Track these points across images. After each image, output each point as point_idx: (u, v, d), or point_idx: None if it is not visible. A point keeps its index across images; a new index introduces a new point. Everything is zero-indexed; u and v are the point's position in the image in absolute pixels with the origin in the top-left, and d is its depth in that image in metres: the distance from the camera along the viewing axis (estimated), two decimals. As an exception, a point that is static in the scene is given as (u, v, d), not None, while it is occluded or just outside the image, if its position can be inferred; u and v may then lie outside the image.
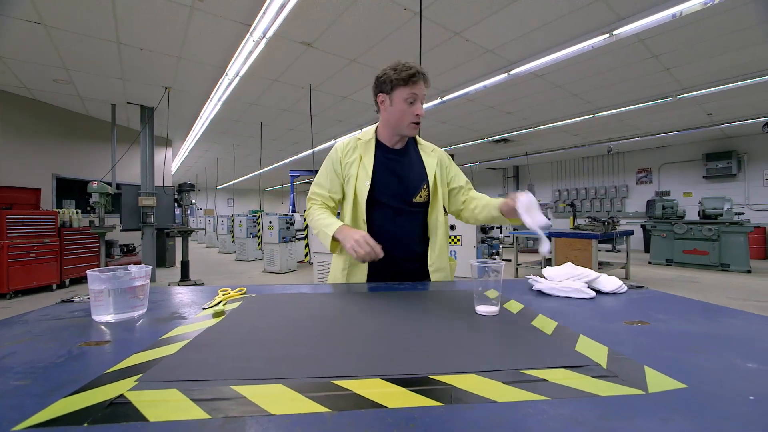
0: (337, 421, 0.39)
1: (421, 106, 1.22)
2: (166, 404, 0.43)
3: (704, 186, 9.27)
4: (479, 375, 0.50)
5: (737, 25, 3.67)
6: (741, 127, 7.62)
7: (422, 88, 1.21)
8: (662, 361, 0.55)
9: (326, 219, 1.24)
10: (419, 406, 0.42)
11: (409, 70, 1.19)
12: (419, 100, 1.21)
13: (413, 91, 1.19)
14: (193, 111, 6.43)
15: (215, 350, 0.61)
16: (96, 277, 0.77)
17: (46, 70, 4.63)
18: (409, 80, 1.18)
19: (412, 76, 1.18)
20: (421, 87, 1.21)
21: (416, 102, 1.21)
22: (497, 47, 4.10)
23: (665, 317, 0.79)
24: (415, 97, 1.20)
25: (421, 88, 1.21)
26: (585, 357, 0.56)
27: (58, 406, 0.43)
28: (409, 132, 1.27)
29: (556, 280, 1.08)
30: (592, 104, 6.23)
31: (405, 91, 1.19)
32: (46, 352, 0.61)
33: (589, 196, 11.68)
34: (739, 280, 5.75)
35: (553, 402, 0.43)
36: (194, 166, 13.05)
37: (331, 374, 0.50)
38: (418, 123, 1.25)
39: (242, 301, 0.96)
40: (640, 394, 0.45)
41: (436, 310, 0.86)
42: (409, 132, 1.27)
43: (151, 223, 5.97)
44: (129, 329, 0.74)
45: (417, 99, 1.21)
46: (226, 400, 0.44)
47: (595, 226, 5.41)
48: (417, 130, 1.27)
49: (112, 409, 0.42)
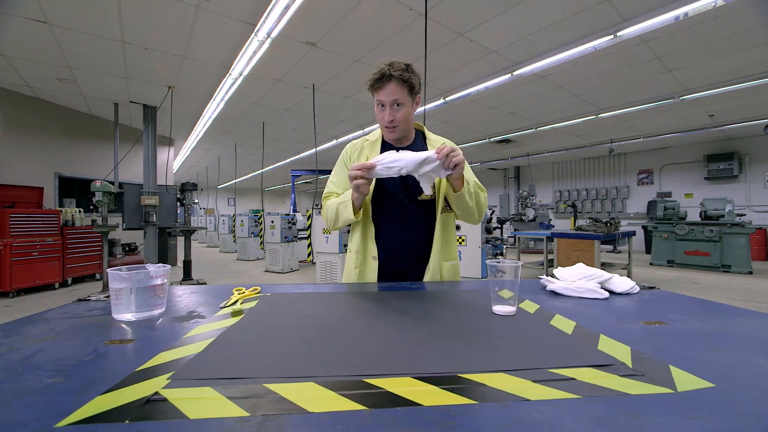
0: (375, 418, 0.40)
1: (390, 110, 1.18)
2: (203, 402, 0.44)
3: (705, 187, 9.29)
4: (508, 374, 0.51)
5: (740, 27, 3.67)
6: (742, 128, 7.63)
7: (390, 91, 1.16)
8: (686, 361, 0.55)
9: (336, 198, 1.30)
10: (454, 404, 0.43)
11: (374, 75, 1.16)
12: (388, 104, 1.18)
13: (379, 97, 1.18)
14: (196, 110, 6.44)
15: (242, 348, 0.61)
16: (117, 275, 0.77)
17: (50, 69, 4.63)
18: (374, 86, 1.18)
19: (375, 82, 1.16)
20: (388, 91, 1.16)
21: (385, 107, 1.18)
22: (501, 48, 4.11)
23: (681, 318, 0.80)
24: (382, 103, 1.18)
25: (387, 93, 1.16)
26: (610, 356, 0.57)
27: (96, 404, 0.43)
28: (386, 136, 1.27)
29: (569, 280, 1.09)
30: (594, 105, 6.24)
31: (376, 98, 1.20)
32: (73, 350, 0.61)
33: (590, 196, 11.69)
34: (741, 282, 5.76)
35: (585, 400, 0.44)
36: (195, 165, 13.05)
37: (362, 372, 0.51)
38: (390, 128, 1.22)
39: (258, 300, 0.96)
40: (670, 393, 0.45)
41: (452, 309, 0.86)
42: (386, 136, 1.27)
43: (154, 222, 5.97)
44: (151, 328, 0.74)
45: (385, 104, 1.18)
46: (261, 398, 0.44)
47: (598, 226, 5.42)
48: (394, 134, 1.25)
49: (150, 406, 0.43)
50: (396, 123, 1.21)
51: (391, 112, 1.19)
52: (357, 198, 1.17)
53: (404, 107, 1.20)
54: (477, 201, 1.25)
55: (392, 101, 1.18)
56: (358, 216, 1.25)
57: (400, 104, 1.19)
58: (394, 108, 1.19)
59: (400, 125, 1.22)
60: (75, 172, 6.40)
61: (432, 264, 1.27)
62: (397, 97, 1.17)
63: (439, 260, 1.28)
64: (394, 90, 1.16)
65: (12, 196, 5.37)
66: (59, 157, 6.15)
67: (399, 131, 1.24)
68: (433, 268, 1.27)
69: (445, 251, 1.31)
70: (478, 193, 1.27)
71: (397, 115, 1.20)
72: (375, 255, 1.28)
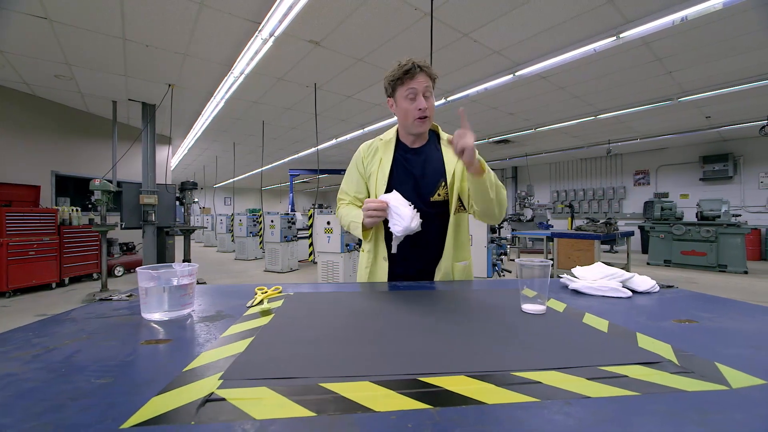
0: (444, 416, 0.40)
1: (423, 99, 1.18)
2: (264, 402, 0.43)
3: (701, 188, 9.40)
4: (560, 372, 0.51)
5: (739, 31, 3.72)
6: (738, 130, 7.73)
7: (421, 81, 1.16)
8: (730, 358, 0.56)
9: (352, 212, 1.30)
10: (515, 402, 0.43)
11: (405, 66, 1.16)
12: (420, 93, 1.17)
13: (411, 85, 1.17)
14: (196, 109, 6.39)
15: (285, 348, 0.61)
16: (148, 274, 0.76)
17: (48, 66, 4.57)
18: (405, 76, 1.17)
19: (407, 71, 1.16)
20: (419, 80, 1.16)
21: (417, 97, 1.17)
22: (504, 49, 4.12)
23: (710, 315, 0.81)
24: (414, 91, 1.17)
25: (419, 82, 1.16)
26: (655, 354, 0.57)
27: (154, 405, 0.43)
28: (417, 129, 1.24)
29: (590, 279, 1.09)
30: (593, 106, 6.29)
31: (404, 89, 1.18)
32: (112, 350, 0.60)
33: (587, 197, 11.78)
34: (737, 281, 5.84)
35: (646, 398, 0.44)
36: (193, 163, 12.95)
37: (417, 371, 0.50)
38: (423, 118, 1.20)
39: (283, 300, 0.95)
40: (726, 390, 0.46)
41: (482, 308, 0.86)
42: (417, 129, 1.24)
43: (153, 222, 5.91)
44: (183, 327, 0.73)
45: (417, 93, 1.17)
46: (322, 397, 0.44)
47: (597, 227, 5.46)
48: (425, 126, 1.23)
49: (212, 406, 0.42)
50: (428, 112, 1.20)
51: (422, 100, 1.18)
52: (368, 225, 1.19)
53: (431, 98, 1.20)
54: (498, 195, 1.18)
55: (425, 88, 1.17)
56: (367, 236, 1.28)
57: (429, 94, 1.19)
58: (425, 97, 1.19)
59: (429, 116, 1.22)
60: (72, 170, 6.32)
61: (443, 265, 1.26)
62: (428, 84, 1.18)
63: (451, 261, 1.27)
64: (425, 78, 1.17)
65: (8, 195, 5.30)
66: (56, 155, 6.07)
67: (428, 123, 1.24)
68: (444, 269, 1.26)
69: (458, 252, 1.30)
70: (500, 187, 1.19)
71: (429, 104, 1.20)
72: (385, 256, 1.28)
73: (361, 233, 1.24)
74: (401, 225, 1.10)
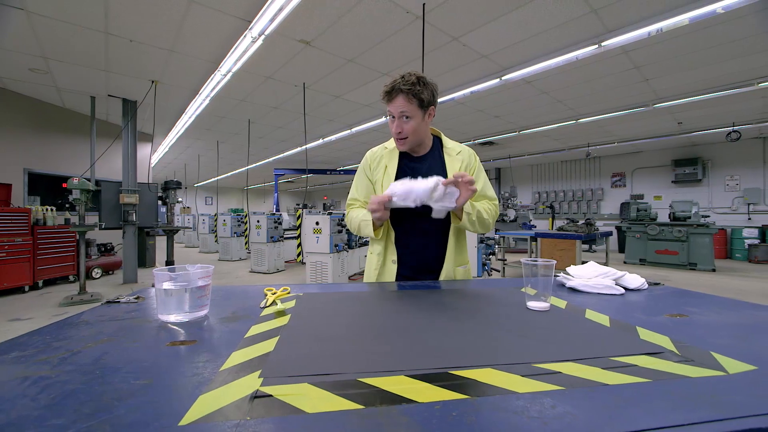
0: (484, 405, 0.43)
1: (399, 122, 1.22)
2: (310, 397, 0.45)
3: (673, 190, 9.88)
4: (576, 363, 0.55)
5: (708, 44, 3.96)
6: (707, 135, 8.19)
7: (398, 104, 1.20)
8: (722, 348, 0.62)
9: (360, 212, 1.36)
10: (543, 390, 0.47)
11: (386, 87, 1.22)
12: (397, 116, 1.22)
13: (389, 108, 1.24)
14: (179, 106, 6.22)
15: (313, 346, 0.63)
16: (166, 276, 0.77)
17: (22, 59, 4.35)
18: (386, 97, 1.23)
19: (385, 94, 1.22)
20: (396, 104, 1.20)
21: (396, 119, 1.23)
22: (492, 53, 4.22)
23: (698, 310, 0.88)
24: (391, 114, 1.24)
25: (396, 106, 1.20)
26: (656, 345, 0.63)
27: (204, 402, 0.44)
28: (397, 146, 1.31)
29: (585, 277, 1.16)
30: (574, 110, 6.52)
31: (387, 110, 1.26)
32: (139, 352, 0.61)
33: (567, 198, 12.17)
34: (706, 278, 6.18)
35: (657, 384, 0.49)
36: (173, 162, 12.58)
37: (448, 365, 0.54)
38: (399, 139, 1.27)
39: (295, 301, 0.97)
40: (724, 375, 0.51)
41: (491, 305, 0.91)
42: (397, 146, 1.31)
43: (134, 222, 5.73)
44: (203, 328, 0.74)
45: (395, 116, 1.22)
46: (365, 391, 0.47)
47: (578, 227, 5.67)
48: (404, 146, 1.29)
49: (260, 402, 0.44)
50: (404, 135, 1.25)
51: (399, 123, 1.23)
52: (377, 221, 1.24)
53: (413, 120, 1.23)
54: (481, 224, 1.29)
55: (400, 113, 1.22)
56: (378, 234, 1.31)
57: (408, 117, 1.22)
58: (403, 120, 1.23)
59: (409, 137, 1.26)
60: (46, 168, 6.04)
61: (445, 269, 1.33)
62: (404, 109, 1.21)
63: (452, 266, 1.34)
64: (402, 103, 1.20)
65: (-24, 194, 5.01)
66: (29, 152, 5.79)
67: (408, 143, 1.28)
68: (446, 273, 1.33)
69: (458, 257, 1.37)
70: (482, 219, 1.29)
71: (405, 127, 1.23)
72: (394, 259, 1.34)
73: (372, 231, 1.27)
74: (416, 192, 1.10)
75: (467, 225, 1.26)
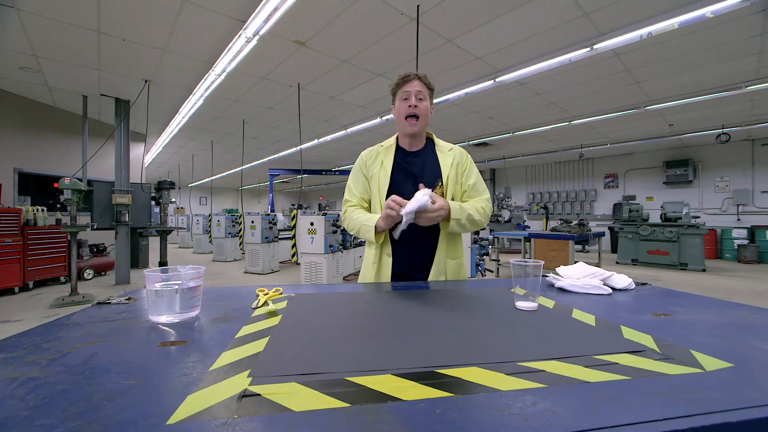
0: (467, 402, 0.44)
1: (414, 99, 1.31)
2: (297, 395, 0.46)
3: (664, 191, 10.01)
4: (560, 361, 0.57)
5: (697, 47, 4.03)
6: (697, 137, 8.31)
7: (415, 85, 1.32)
8: (701, 346, 0.64)
9: (363, 215, 1.35)
10: (526, 388, 0.48)
11: (400, 77, 1.34)
12: (413, 95, 1.31)
13: (406, 88, 1.32)
14: (173, 106, 6.18)
15: (303, 346, 0.63)
16: (157, 277, 0.77)
17: (12, 57, 4.30)
18: (402, 81, 1.34)
19: (404, 77, 1.34)
20: (414, 84, 1.32)
21: (409, 97, 1.32)
22: (486, 55, 4.26)
23: (682, 310, 0.90)
24: (407, 93, 1.32)
25: (413, 85, 1.31)
26: (638, 344, 0.64)
27: (192, 402, 0.45)
28: (407, 128, 1.35)
29: (574, 277, 1.17)
30: (567, 112, 6.58)
31: (400, 92, 1.34)
32: (130, 353, 0.61)
33: (561, 199, 12.28)
34: (697, 278, 6.28)
35: (636, 381, 0.50)
36: (167, 162, 12.48)
37: (433, 364, 0.55)
38: (412, 116, 1.33)
39: (287, 301, 0.97)
40: (701, 372, 0.53)
41: (481, 306, 0.92)
42: (407, 128, 1.35)
43: (126, 222, 5.68)
44: (194, 329, 0.74)
45: (410, 95, 1.31)
46: (351, 390, 0.47)
47: (572, 228, 5.72)
48: (415, 127, 1.34)
49: (249, 401, 0.45)
50: (419, 112, 1.32)
51: (415, 100, 1.31)
52: (381, 227, 1.25)
53: (425, 102, 1.34)
54: (472, 224, 1.33)
55: (417, 91, 1.31)
56: (379, 240, 1.32)
57: (422, 98, 1.33)
58: (419, 99, 1.32)
59: (421, 117, 1.33)
60: (37, 168, 5.96)
61: (437, 262, 1.36)
62: (421, 89, 1.32)
63: (444, 258, 1.37)
64: (419, 84, 1.32)
65: (-35, 194, 4.94)
66: (19, 152, 5.71)
67: (419, 124, 1.34)
68: (438, 265, 1.36)
69: (451, 250, 1.39)
70: (473, 220, 1.32)
71: (421, 105, 1.32)
72: (389, 252, 1.36)
73: (373, 236, 1.28)
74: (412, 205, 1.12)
75: (456, 229, 1.28)
